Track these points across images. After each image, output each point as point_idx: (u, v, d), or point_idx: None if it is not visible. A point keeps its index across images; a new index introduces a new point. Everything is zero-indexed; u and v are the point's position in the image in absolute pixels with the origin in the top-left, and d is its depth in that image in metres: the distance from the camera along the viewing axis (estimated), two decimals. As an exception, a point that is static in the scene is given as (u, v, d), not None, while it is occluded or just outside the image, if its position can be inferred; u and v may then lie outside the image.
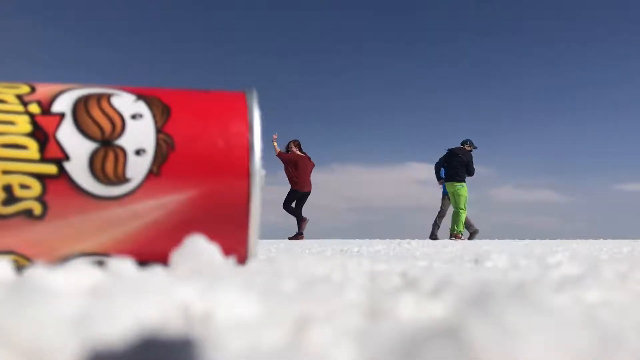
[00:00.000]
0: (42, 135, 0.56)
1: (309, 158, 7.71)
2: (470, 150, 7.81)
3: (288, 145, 7.67)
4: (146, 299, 0.23)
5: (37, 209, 0.55)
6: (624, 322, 0.28)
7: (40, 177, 0.55)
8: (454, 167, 7.72)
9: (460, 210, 7.63)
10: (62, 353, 0.19)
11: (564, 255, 1.28)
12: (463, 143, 7.86)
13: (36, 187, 0.55)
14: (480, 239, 7.59)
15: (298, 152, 7.65)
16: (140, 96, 0.62)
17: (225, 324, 0.24)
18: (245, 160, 0.60)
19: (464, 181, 7.69)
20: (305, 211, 7.61)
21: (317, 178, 7.66)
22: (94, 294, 0.25)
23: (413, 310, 0.31)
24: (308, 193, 7.62)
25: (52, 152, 0.56)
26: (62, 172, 0.56)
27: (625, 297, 0.41)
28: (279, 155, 7.62)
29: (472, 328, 0.19)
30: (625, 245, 3.02)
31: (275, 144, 7.72)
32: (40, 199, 0.55)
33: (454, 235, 7.61)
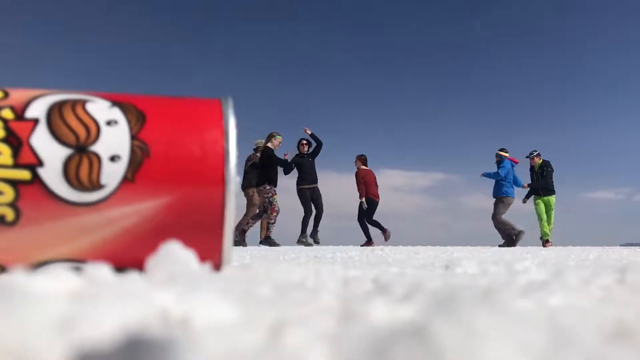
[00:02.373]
0: (15, 140, 0.56)
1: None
2: (533, 161, 8.18)
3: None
4: (127, 303, 0.24)
5: (9, 215, 0.55)
6: (583, 325, 0.29)
7: (14, 183, 0.55)
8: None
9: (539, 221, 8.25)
10: (49, 355, 0.19)
11: (532, 262, 1.31)
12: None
13: (9, 193, 0.54)
14: (452, 245, 7.78)
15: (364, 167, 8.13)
16: (115, 103, 0.62)
17: (203, 327, 0.24)
18: (220, 167, 0.61)
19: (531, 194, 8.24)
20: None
21: (292, 184, 7.68)
22: (76, 298, 0.25)
23: (384, 314, 0.32)
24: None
25: (25, 157, 0.55)
26: (36, 178, 0.55)
27: (586, 302, 0.43)
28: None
29: (439, 329, 0.20)
30: (592, 252, 3.10)
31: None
32: (13, 204, 0.55)
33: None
